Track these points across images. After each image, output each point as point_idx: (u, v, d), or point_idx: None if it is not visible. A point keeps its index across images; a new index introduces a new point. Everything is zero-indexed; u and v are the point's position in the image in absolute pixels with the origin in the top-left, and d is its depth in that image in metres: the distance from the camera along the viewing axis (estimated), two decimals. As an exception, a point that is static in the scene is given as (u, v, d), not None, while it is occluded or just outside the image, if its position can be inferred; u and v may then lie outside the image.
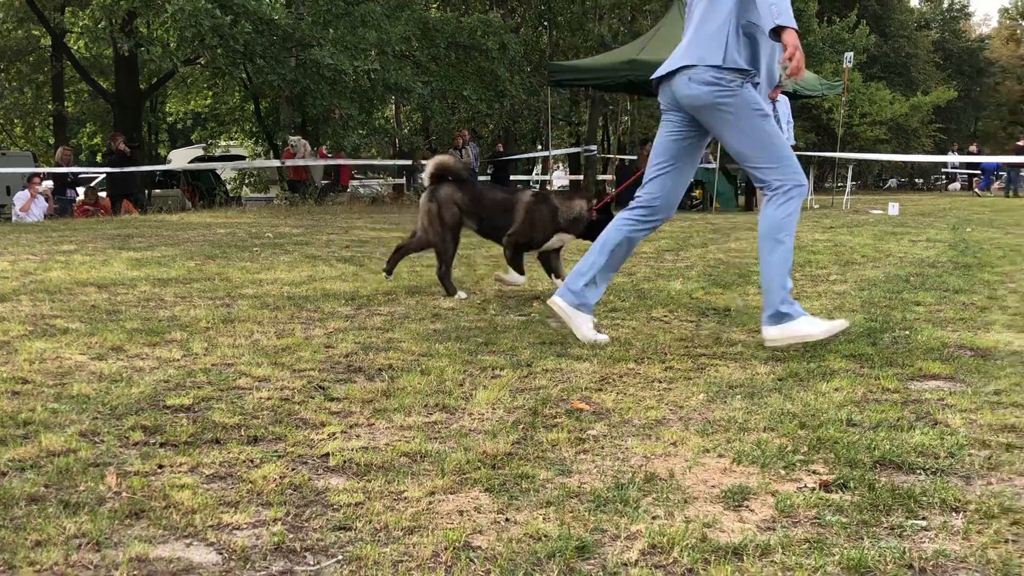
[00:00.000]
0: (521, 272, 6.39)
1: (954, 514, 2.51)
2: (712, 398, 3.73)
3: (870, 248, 10.07)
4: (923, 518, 2.48)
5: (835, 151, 23.19)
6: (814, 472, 2.84)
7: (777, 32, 4.13)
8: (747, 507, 2.58)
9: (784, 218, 4.46)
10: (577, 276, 4.80)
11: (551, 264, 6.64)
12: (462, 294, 6.32)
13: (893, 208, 17.54)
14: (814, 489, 2.69)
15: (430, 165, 6.16)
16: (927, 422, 3.38)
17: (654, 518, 2.47)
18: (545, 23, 29.73)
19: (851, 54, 21.79)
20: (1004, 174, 28.62)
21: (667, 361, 4.40)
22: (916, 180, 46.10)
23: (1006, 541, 2.33)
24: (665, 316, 5.73)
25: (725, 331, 5.22)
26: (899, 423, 3.34)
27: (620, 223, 4.83)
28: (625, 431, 3.30)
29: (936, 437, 3.16)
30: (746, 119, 4.42)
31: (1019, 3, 62.09)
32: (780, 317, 4.48)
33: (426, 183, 6.12)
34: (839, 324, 4.64)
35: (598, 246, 4.83)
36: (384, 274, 6.94)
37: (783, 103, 14.79)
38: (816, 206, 20.37)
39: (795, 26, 4.14)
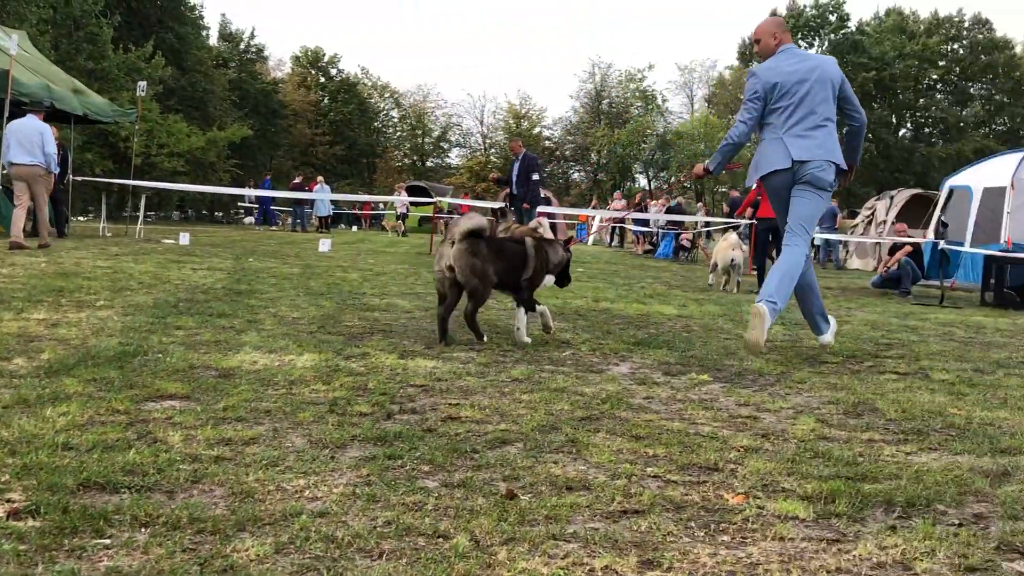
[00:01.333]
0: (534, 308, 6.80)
1: (142, 529, 2.50)
2: (-85, 433, 3.32)
3: (149, 275, 10.03)
4: (109, 536, 2.43)
5: (130, 179, 22.83)
6: (8, 500, 2.65)
7: None
8: (-88, 548, 2.30)
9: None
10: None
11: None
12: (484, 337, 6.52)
13: (184, 238, 17.76)
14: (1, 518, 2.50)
15: (466, 223, 6.22)
16: (147, 441, 3.37)
17: None
18: None
19: (144, 83, 21.68)
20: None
21: None
22: (216, 212, 47.43)
23: (184, 550, 2.38)
24: None
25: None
26: (118, 444, 3.29)
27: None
28: None
29: (151, 455, 3.16)
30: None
31: (309, 53, 67.59)
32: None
33: (457, 238, 6.18)
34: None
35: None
36: (443, 344, 6.29)
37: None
38: (109, 234, 19.85)
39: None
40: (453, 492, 2.98)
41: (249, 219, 38.11)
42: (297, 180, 36.09)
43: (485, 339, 6.49)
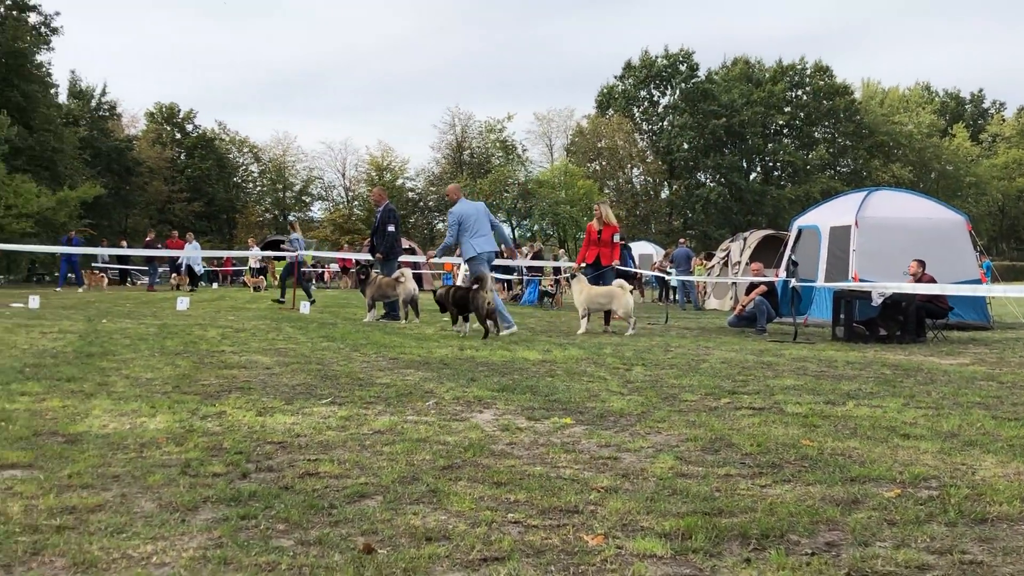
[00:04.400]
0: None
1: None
2: None
3: (-6, 341, 9.56)
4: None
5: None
6: None
7: None
8: None
9: None
10: None
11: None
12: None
13: (33, 301, 17.01)
14: None
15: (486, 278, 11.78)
16: None
17: None
18: None
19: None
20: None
21: None
22: (70, 275, 45.58)
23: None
24: None
25: None
26: (-51, 519, 3.10)
27: None
28: None
29: (-13, 529, 2.99)
30: None
31: (163, 109, 66.15)
32: None
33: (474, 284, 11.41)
34: None
35: None
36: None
37: None
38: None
39: None
40: (309, 550, 2.91)
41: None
42: (149, 237, 35.04)
43: None
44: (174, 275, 30.55)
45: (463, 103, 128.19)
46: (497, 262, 16.17)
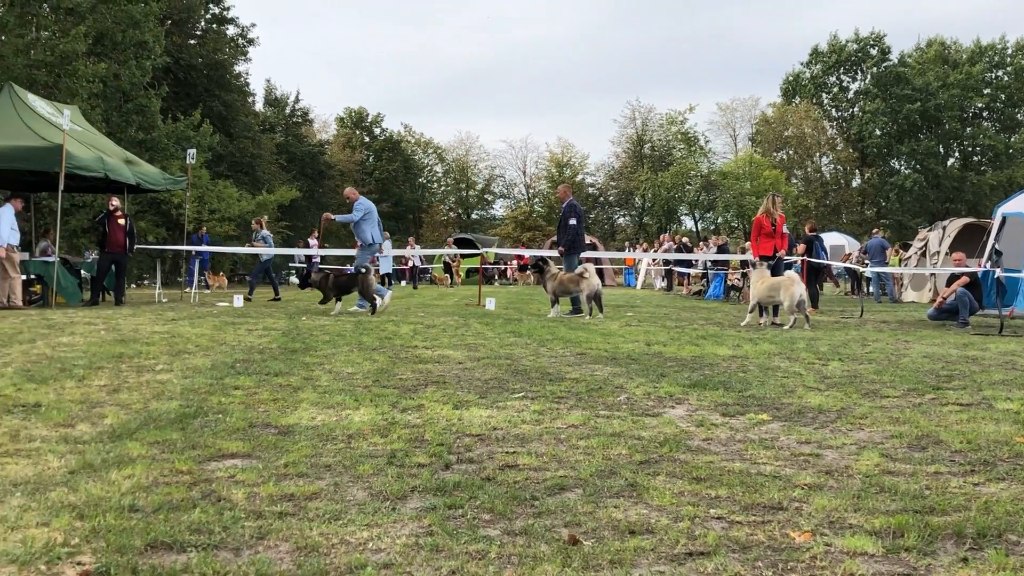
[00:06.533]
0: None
1: (210, 587, 2.53)
2: (-13, 499, 3.39)
3: (206, 338, 10.17)
4: (179, 595, 2.47)
5: (184, 244, 23.26)
6: (79, 563, 2.69)
7: None
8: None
9: None
10: None
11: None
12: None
13: (237, 300, 18.00)
14: (72, 581, 2.54)
15: None
16: (211, 499, 3.41)
17: None
18: None
19: (194, 151, 22.16)
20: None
21: (-56, 465, 3.93)
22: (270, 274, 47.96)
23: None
24: (-41, 416, 5.15)
25: (28, 427, 4.84)
26: (183, 503, 3.33)
27: None
28: None
29: (215, 513, 3.20)
30: None
31: (353, 114, 68.79)
32: None
33: None
34: None
35: None
36: None
37: None
38: (164, 300, 20.18)
39: None
40: (515, 539, 2.98)
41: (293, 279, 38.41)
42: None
43: None
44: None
45: (643, 96, 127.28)
46: (677, 256, 16.14)
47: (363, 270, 15.09)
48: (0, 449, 4.29)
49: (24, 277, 17.41)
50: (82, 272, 19.90)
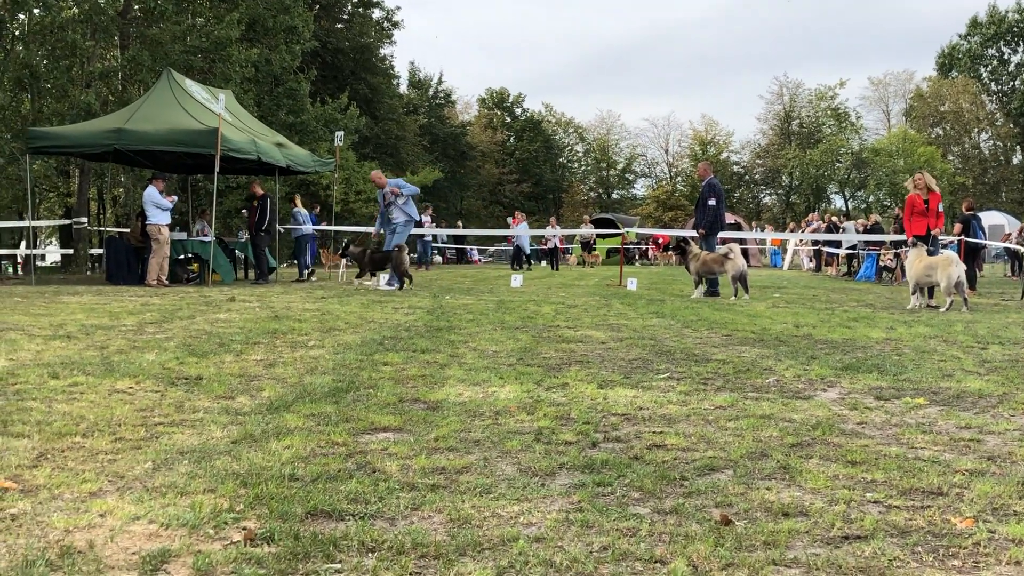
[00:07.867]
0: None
1: (369, 554, 2.61)
2: (158, 465, 3.57)
3: (355, 316, 10.44)
4: (339, 561, 2.55)
5: (332, 225, 23.93)
6: (244, 528, 2.81)
7: None
8: (164, 570, 2.48)
9: None
10: None
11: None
12: None
13: (383, 280, 18.38)
14: (237, 544, 2.66)
15: None
16: (366, 471, 3.51)
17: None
18: (27, 88, 27.46)
19: (342, 133, 22.77)
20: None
21: (118, 432, 4.16)
22: (411, 254, 48.92)
23: (411, 575, 2.47)
24: (130, 388, 5.45)
25: (192, 399, 5.08)
26: (339, 474, 3.44)
27: None
28: (52, 507, 3.05)
29: (371, 484, 3.29)
30: None
31: (494, 94, 69.37)
32: None
33: None
34: None
35: None
36: None
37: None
38: (314, 279, 20.81)
39: None
40: (666, 518, 2.96)
41: (438, 259, 39.10)
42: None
43: None
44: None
45: (791, 71, 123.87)
46: (828, 236, 15.68)
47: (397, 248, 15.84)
48: (167, 419, 4.51)
49: (181, 256, 18.27)
50: (236, 252, 20.70)
